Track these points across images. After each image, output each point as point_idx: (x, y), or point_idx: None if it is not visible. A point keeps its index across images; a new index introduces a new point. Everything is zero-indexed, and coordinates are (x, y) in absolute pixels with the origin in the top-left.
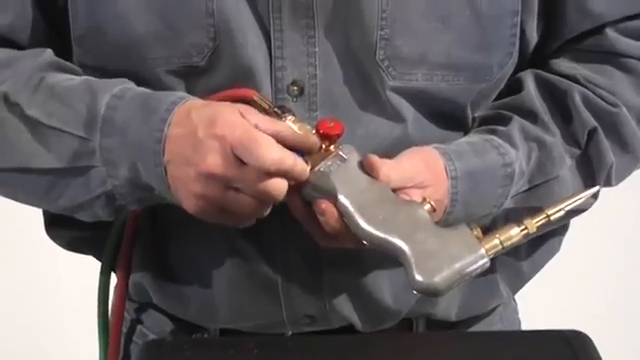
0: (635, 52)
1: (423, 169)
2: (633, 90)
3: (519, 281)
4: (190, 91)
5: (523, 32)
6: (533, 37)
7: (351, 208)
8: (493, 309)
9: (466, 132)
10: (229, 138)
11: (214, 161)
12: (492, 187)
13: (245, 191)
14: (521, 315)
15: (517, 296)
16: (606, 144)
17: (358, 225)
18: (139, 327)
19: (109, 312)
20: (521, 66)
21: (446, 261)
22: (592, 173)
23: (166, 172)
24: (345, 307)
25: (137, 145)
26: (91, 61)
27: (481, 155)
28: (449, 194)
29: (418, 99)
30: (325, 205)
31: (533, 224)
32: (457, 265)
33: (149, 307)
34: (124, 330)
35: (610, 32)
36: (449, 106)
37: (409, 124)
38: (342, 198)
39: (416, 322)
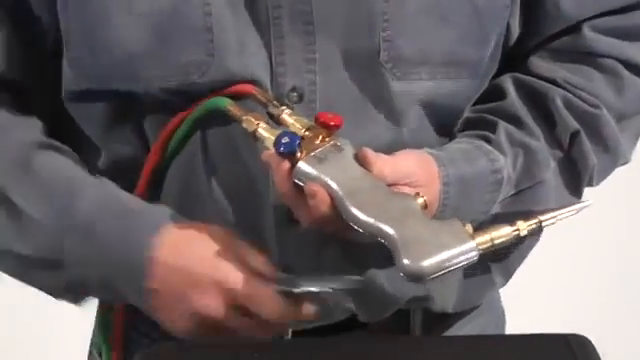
0: (612, 51)
1: (417, 169)
2: (612, 90)
3: (507, 272)
4: (187, 105)
5: (508, 25)
6: (516, 30)
7: (342, 193)
8: None
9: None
10: (233, 286)
11: (214, 305)
12: (481, 193)
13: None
14: (519, 318)
15: (513, 299)
16: (588, 146)
17: (348, 210)
18: (132, 333)
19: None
20: (500, 63)
21: (435, 248)
22: (576, 175)
23: (146, 293)
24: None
25: (117, 262)
26: (85, 84)
27: (472, 162)
28: (440, 199)
29: (422, 99)
30: (317, 188)
31: (525, 227)
32: (446, 253)
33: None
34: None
35: (587, 31)
36: (450, 105)
37: (410, 127)
38: (334, 183)
39: (413, 314)
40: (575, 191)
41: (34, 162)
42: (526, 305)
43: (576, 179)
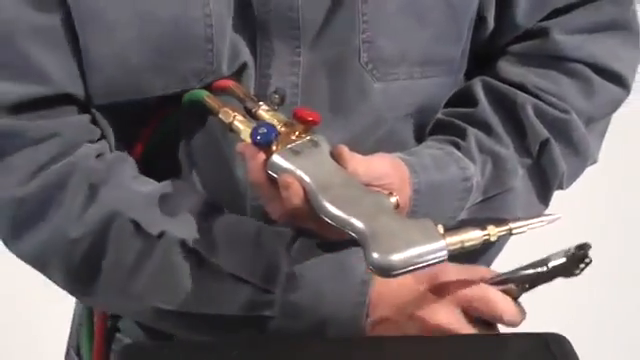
0: (581, 54)
1: (391, 172)
2: (580, 95)
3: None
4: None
5: (484, 19)
6: (491, 24)
7: (315, 186)
8: None
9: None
10: (465, 294)
11: (447, 319)
12: (450, 200)
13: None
14: None
15: None
16: (558, 153)
17: (321, 203)
18: (118, 335)
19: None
20: (472, 62)
21: (405, 243)
22: (545, 183)
23: (370, 327)
24: None
25: (332, 304)
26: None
27: (443, 169)
28: (410, 205)
29: (400, 99)
30: (290, 180)
31: (495, 232)
32: (416, 249)
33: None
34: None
35: (555, 34)
36: (427, 104)
37: (390, 128)
38: (307, 176)
39: None
40: (543, 198)
41: (216, 223)
42: None
43: (545, 186)
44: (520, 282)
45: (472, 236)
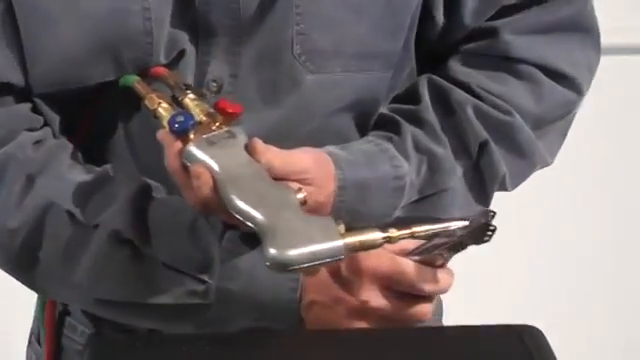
0: (531, 55)
1: (312, 167)
2: (529, 96)
3: None
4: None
5: (432, 16)
6: (440, 21)
7: (223, 177)
8: None
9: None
10: (379, 271)
11: (369, 297)
12: (382, 198)
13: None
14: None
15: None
16: (498, 156)
17: (226, 194)
18: (68, 319)
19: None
20: (422, 60)
21: (303, 241)
22: (483, 184)
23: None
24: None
25: (266, 291)
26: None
27: (374, 166)
28: (335, 201)
29: (336, 92)
30: (201, 170)
31: (396, 236)
32: (313, 247)
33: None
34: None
35: (505, 34)
36: (365, 98)
37: (327, 121)
38: (217, 166)
39: None
40: (482, 200)
41: (150, 212)
42: (476, 297)
43: (483, 188)
44: (435, 250)
45: (372, 237)
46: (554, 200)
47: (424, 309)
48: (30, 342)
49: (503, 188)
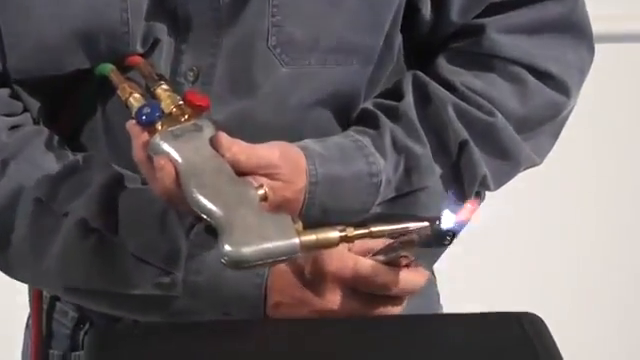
0: (518, 54)
1: (280, 162)
2: (514, 97)
3: (432, 256)
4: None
5: (418, 10)
6: (427, 17)
7: (185, 169)
8: None
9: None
10: (343, 273)
11: (333, 300)
12: (355, 195)
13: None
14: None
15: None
16: (478, 156)
17: (187, 187)
18: (58, 304)
19: None
20: (412, 59)
21: (258, 239)
22: (462, 184)
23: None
24: None
25: (232, 286)
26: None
27: (348, 162)
28: (305, 196)
29: (312, 85)
30: (164, 162)
31: (353, 234)
32: (267, 245)
33: None
34: (44, 307)
35: (491, 33)
36: (343, 92)
37: (302, 113)
38: (179, 159)
39: None
40: (460, 199)
41: (119, 200)
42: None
43: (461, 188)
44: (400, 250)
45: (328, 236)
46: (554, 190)
47: (392, 310)
48: (27, 325)
49: (485, 188)
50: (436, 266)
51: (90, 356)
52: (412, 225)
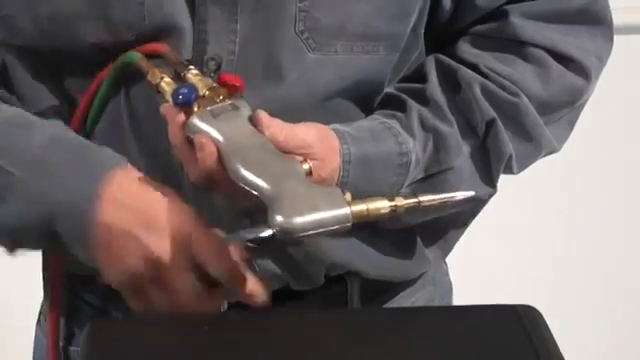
0: (540, 39)
1: (316, 142)
2: (537, 80)
3: (446, 244)
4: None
5: (440, 0)
6: (447, 4)
7: (228, 147)
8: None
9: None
10: (189, 233)
11: (167, 248)
12: (386, 175)
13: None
14: (468, 290)
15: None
16: (504, 135)
17: (231, 164)
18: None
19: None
20: (431, 44)
21: (309, 209)
22: (489, 164)
23: (92, 227)
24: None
25: (65, 194)
26: (18, 40)
27: (378, 142)
28: (339, 176)
29: (338, 72)
30: (205, 140)
31: (403, 205)
32: (319, 215)
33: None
34: (63, 304)
35: (514, 18)
36: (368, 80)
37: (329, 100)
38: (221, 137)
39: (350, 284)
40: (488, 179)
41: None
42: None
43: (489, 168)
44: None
45: (379, 205)
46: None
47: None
48: (39, 321)
49: (509, 170)
50: None
51: (87, 349)
52: (459, 194)
